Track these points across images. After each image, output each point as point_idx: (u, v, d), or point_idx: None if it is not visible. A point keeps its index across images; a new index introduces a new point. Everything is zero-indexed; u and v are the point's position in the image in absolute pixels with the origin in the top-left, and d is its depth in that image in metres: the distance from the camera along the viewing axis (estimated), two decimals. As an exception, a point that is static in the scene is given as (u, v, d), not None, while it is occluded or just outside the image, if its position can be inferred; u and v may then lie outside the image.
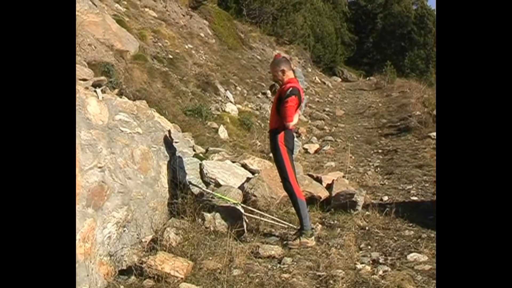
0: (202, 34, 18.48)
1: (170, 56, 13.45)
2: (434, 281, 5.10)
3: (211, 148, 9.04)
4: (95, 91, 5.62)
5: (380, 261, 5.74)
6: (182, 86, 12.02)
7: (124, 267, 5.29)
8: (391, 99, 22.23)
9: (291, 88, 6.07)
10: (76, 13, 8.51)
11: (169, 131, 7.10)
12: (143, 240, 5.67)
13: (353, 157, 11.71)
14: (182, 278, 5.09)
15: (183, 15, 18.51)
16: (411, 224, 6.88)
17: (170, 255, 5.31)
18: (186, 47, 15.65)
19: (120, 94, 7.38)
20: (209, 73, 14.17)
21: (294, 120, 6.21)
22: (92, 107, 5.32)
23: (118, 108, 5.83)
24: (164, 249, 5.45)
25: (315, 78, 28.80)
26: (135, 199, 5.73)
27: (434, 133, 12.33)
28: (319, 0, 44.71)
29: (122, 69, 9.55)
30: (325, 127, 16.34)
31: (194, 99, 11.74)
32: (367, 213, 7.30)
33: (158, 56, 12.72)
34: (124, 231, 5.44)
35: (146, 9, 16.04)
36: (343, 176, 9.16)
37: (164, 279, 5.03)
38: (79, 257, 4.71)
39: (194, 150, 8.42)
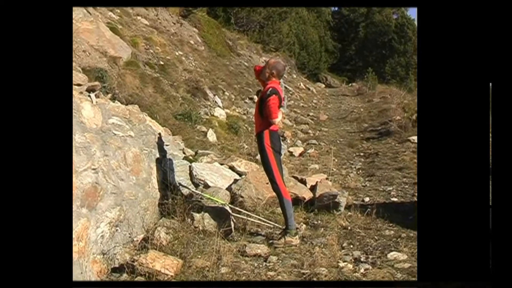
0: (192, 42, 18.45)
1: (161, 63, 13.41)
2: (414, 279, 5.12)
3: (200, 151, 9.03)
4: (89, 96, 5.63)
5: (362, 259, 5.77)
6: (173, 91, 12.00)
7: (117, 265, 5.30)
8: (372, 104, 22.25)
9: (270, 88, 6.18)
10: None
11: (160, 134, 7.10)
12: (134, 239, 5.67)
13: (336, 160, 11.72)
14: (172, 276, 5.10)
15: (174, 23, 18.48)
16: (391, 224, 6.90)
17: (160, 253, 5.32)
18: (177, 54, 15.62)
19: (113, 99, 7.38)
20: (199, 79, 14.14)
21: (279, 116, 6.27)
22: (86, 111, 5.32)
23: (111, 112, 5.83)
24: (155, 248, 5.46)
25: (300, 84, 28.78)
26: (127, 200, 5.72)
27: (414, 137, 12.34)
28: (304, 9, 44.72)
29: (115, 75, 9.54)
30: (309, 131, 16.33)
31: (184, 103, 11.72)
32: (349, 213, 7.32)
33: (150, 63, 12.69)
34: (116, 230, 5.44)
35: (138, 17, 16.00)
36: (327, 178, 9.16)
37: (155, 276, 5.03)
38: (74, 255, 4.70)
39: (184, 153, 8.41)
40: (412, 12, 71.23)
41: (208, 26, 21.79)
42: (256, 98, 13.31)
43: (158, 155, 6.81)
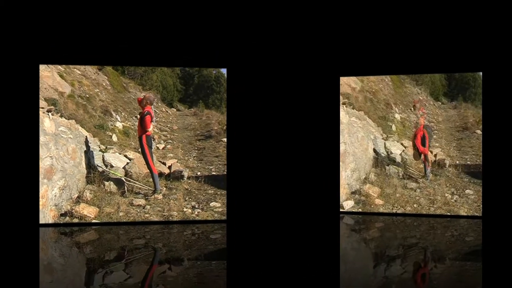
0: (104, 84, 17.55)
1: (87, 96, 12.70)
2: (224, 218, 5.38)
3: (108, 146, 8.72)
4: (48, 114, 5.45)
5: (196, 207, 5.99)
6: (93, 112, 11.39)
7: (63, 212, 5.10)
8: (202, 120, 21.97)
9: (146, 111, 6.60)
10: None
11: (86, 137, 6.86)
12: (73, 197, 5.44)
13: (182, 151, 11.68)
14: (92, 217, 5.12)
15: (94, 73, 17.60)
16: (212, 186, 7.04)
17: (87, 205, 5.25)
18: (96, 90, 14.82)
19: (61, 116, 7.01)
20: (107, 105, 13.55)
21: (151, 127, 6.45)
22: (46, 123, 5.28)
23: (60, 124, 5.71)
24: (84, 202, 5.32)
25: (162, 109, 28.25)
26: (69, 174, 5.49)
27: (224, 139, 12.52)
28: (165, 67, 44.04)
29: (62, 103, 8.96)
30: (168, 135, 16.03)
31: (99, 119, 11.23)
32: (189, 181, 7.38)
33: (81, 95, 11.94)
34: (63, 192, 5.23)
35: (75, 69, 15.09)
36: (177, 161, 9.16)
37: (83, 218, 5.00)
38: (40, 207, 4.57)
39: (99, 148, 8.10)
40: (224, 70, 71.98)
41: (112, 75, 20.74)
42: (138, 116, 13.05)
43: (85, 149, 6.58)
